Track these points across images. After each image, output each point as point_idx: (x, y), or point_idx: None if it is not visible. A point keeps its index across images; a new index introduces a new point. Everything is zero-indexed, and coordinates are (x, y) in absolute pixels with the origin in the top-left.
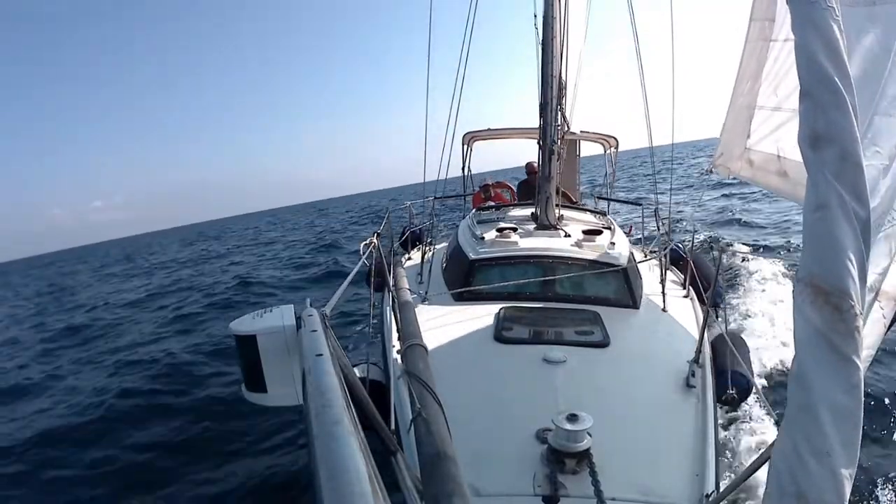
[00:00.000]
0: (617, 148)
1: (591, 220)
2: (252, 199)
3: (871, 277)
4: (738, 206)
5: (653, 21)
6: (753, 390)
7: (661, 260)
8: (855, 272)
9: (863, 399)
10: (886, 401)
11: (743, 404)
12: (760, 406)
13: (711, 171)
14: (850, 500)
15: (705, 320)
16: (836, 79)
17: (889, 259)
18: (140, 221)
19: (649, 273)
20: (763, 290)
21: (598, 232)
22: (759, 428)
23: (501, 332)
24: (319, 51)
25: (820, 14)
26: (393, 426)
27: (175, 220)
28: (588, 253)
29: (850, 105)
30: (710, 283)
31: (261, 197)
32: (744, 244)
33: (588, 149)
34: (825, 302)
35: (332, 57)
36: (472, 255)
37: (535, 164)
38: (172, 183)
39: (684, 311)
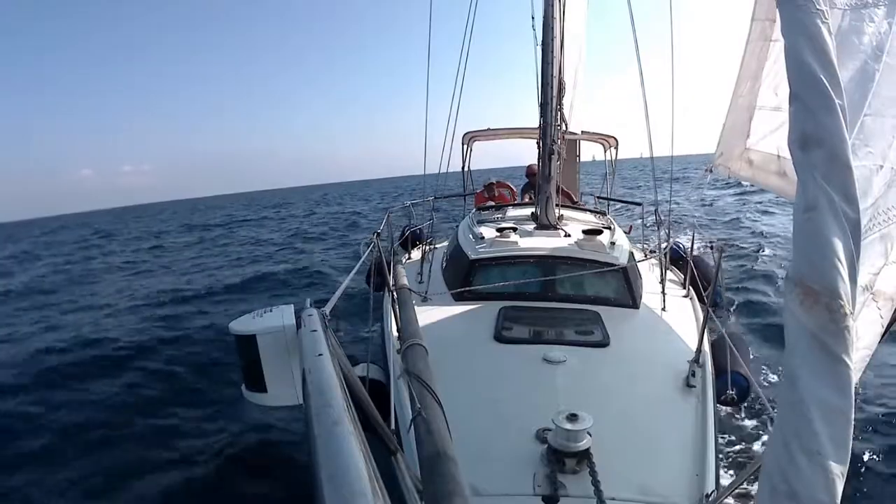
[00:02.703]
0: (617, 148)
1: (591, 219)
2: (273, 176)
3: (866, 277)
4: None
5: (655, 26)
6: (753, 391)
7: (661, 260)
8: (845, 272)
9: (853, 398)
10: (881, 399)
11: (743, 404)
12: (761, 406)
13: (711, 171)
14: (841, 498)
15: (705, 320)
16: (825, 81)
17: (885, 259)
18: (164, 189)
19: (649, 273)
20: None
21: (599, 232)
22: (759, 428)
23: (501, 332)
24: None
25: (809, 17)
26: (393, 426)
27: (194, 191)
28: (588, 253)
29: (839, 107)
30: (710, 282)
31: (281, 174)
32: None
33: (587, 154)
34: (815, 302)
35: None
36: (471, 255)
37: (535, 167)
38: (193, 154)
39: (684, 311)
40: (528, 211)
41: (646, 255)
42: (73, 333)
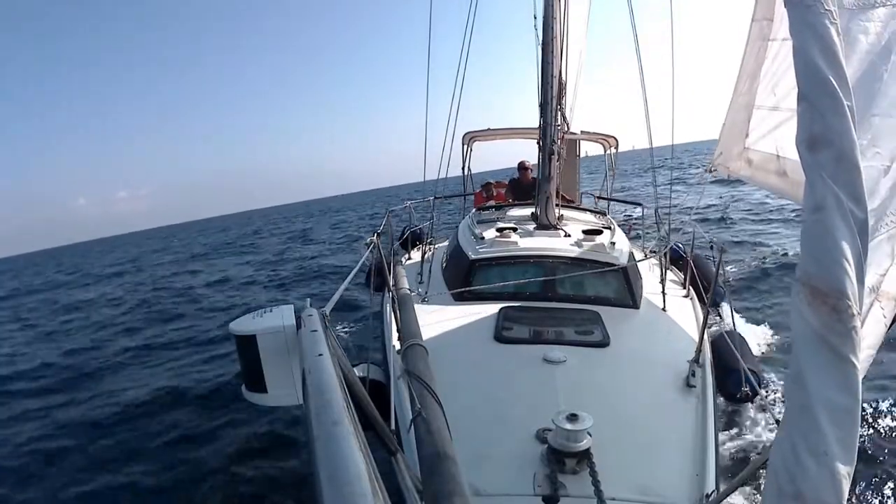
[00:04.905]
0: (617, 148)
1: (591, 219)
2: (279, 192)
3: (873, 278)
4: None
5: (656, 26)
6: (755, 390)
7: (661, 260)
8: (852, 273)
9: (860, 398)
10: (886, 400)
11: (742, 404)
12: (761, 406)
13: (711, 171)
14: (848, 499)
15: (705, 320)
16: (834, 82)
17: (891, 259)
18: (163, 213)
19: (649, 273)
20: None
21: (598, 232)
22: (759, 428)
23: (501, 332)
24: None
25: (817, 17)
26: (393, 426)
27: (193, 214)
28: (588, 253)
29: (848, 108)
30: (710, 283)
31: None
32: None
33: (589, 149)
34: (822, 303)
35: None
36: (471, 255)
37: (527, 163)
38: (192, 176)
39: (684, 311)
40: (528, 211)
41: (646, 255)
42: None
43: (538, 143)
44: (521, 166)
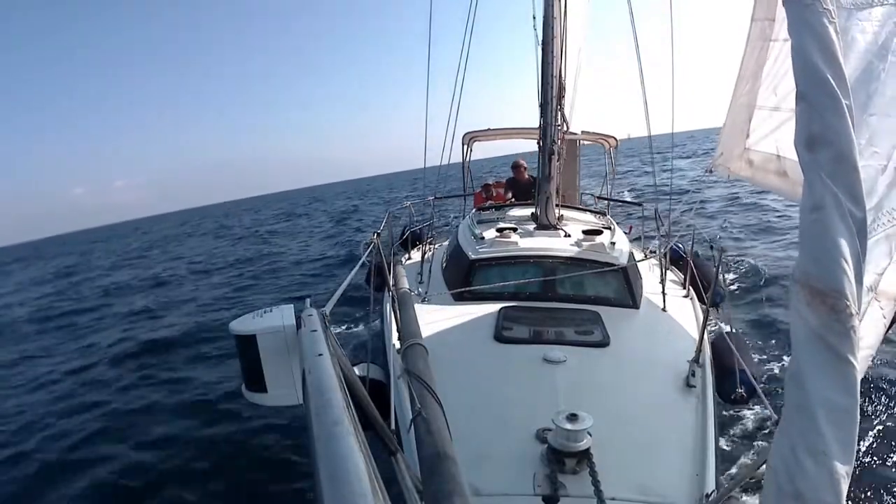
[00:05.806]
0: (617, 147)
1: (591, 219)
2: (274, 180)
3: (871, 277)
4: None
5: (655, 23)
6: (755, 390)
7: (661, 260)
8: (851, 272)
9: (859, 398)
10: (884, 399)
11: (742, 405)
12: (760, 406)
13: (711, 172)
14: (847, 498)
15: (705, 320)
16: (832, 81)
17: (889, 258)
18: (162, 201)
19: (649, 273)
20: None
21: (598, 232)
22: (759, 428)
23: (501, 332)
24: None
25: (816, 16)
26: (393, 426)
27: (192, 202)
28: (588, 253)
29: (846, 107)
30: (710, 283)
31: (280, 178)
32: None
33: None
34: (821, 302)
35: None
36: (471, 255)
37: (521, 161)
38: (189, 164)
39: (684, 311)
40: (528, 211)
41: (646, 256)
42: None
43: (538, 143)
44: (516, 165)
